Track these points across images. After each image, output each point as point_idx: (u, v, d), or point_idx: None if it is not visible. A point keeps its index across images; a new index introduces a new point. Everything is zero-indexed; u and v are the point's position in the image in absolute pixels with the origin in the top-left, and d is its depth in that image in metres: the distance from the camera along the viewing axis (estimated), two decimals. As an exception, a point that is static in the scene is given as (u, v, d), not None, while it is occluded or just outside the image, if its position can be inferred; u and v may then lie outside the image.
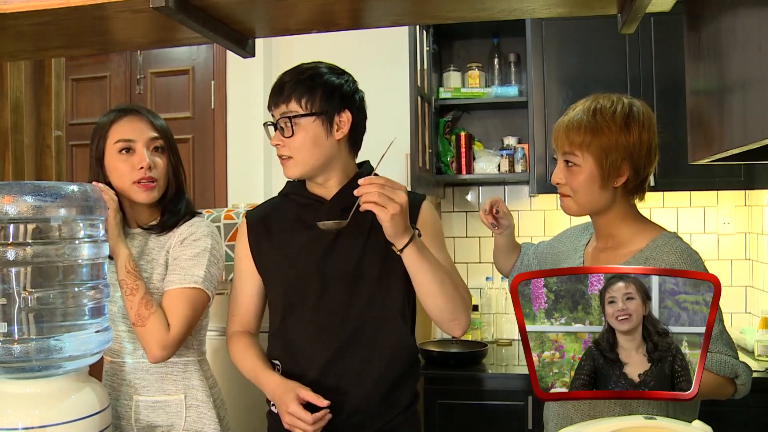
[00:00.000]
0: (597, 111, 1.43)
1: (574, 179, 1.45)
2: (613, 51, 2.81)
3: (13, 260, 1.33)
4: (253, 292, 1.63)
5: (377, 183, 1.30)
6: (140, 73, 3.37)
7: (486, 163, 3.08)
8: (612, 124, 1.41)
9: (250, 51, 1.19)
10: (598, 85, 2.80)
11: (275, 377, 1.51)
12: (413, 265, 1.39)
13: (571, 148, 1.44)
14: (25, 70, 1.73)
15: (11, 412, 1.33)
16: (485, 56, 3.20)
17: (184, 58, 3.37)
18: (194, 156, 3.39)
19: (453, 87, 3.11)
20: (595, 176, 1.43)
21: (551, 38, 2.87)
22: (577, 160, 1.44)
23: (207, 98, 3.35)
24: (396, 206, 1.29)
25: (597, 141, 1.41)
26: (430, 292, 1.42)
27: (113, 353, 1.66)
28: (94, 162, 1.61)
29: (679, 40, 2.70)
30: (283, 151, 1.52)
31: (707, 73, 0.98)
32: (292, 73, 1.54)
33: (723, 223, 3.03)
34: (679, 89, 2.76)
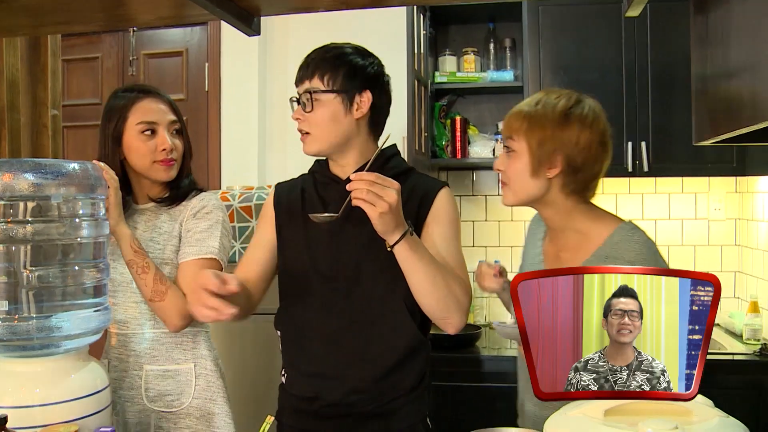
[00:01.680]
0: (540, 101, 1.44)
1: (511, 166, 1.46)
2: (609, 37, 2.82)
3: (14, 238, 1.33)
4: (262, 260, 1.61)
5: (367, 180, 1.29)
6: (133, 55, 3.34)
7: (481, 147, 3.09)
8: (551, 115, 1.41)
9: (255, 29, 1.18)
10: (593, 71, 2.83)
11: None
12: (404, 262, 1.39)
13: (510, 133, 1.45)
14: (20, 48, 1.70)
15: (12, 391, 1.33)
16: (481, 41, 3.20)
17: (177, 40, 3.34)
18: (188, 138, 3.36)
19: (448, 71, 3.11)
20: (527, 164, 1.43)
21: (547, 23, 2.87)
22: (513, 145, 1.45)
23: (201, 80, 3.33)
24: (384, 205, 1.29)
25: (532, 129, 1.42)
26: (420, 290, 1.42)
27: (121, 325, 1.69)
28: (110, 140, 1.64)
29: (675, 26, 2.74)
30: (302, 126, 1.54)
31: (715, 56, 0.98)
32: (319, 51, 1.55)
33: (714, 209, 3.06)
34: (673, 75, 2.78)
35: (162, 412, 1.65)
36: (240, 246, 2.45)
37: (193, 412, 1.65)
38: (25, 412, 1.29)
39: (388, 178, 1.32)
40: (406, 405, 1.54)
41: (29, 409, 1.31)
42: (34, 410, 1.31)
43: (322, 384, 1.52)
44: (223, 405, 1.68)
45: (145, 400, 1.65)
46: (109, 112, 1.65)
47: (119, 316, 1.68)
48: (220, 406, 1.68)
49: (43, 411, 1.31)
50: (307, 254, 1.56)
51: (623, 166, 2.79)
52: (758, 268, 2.88)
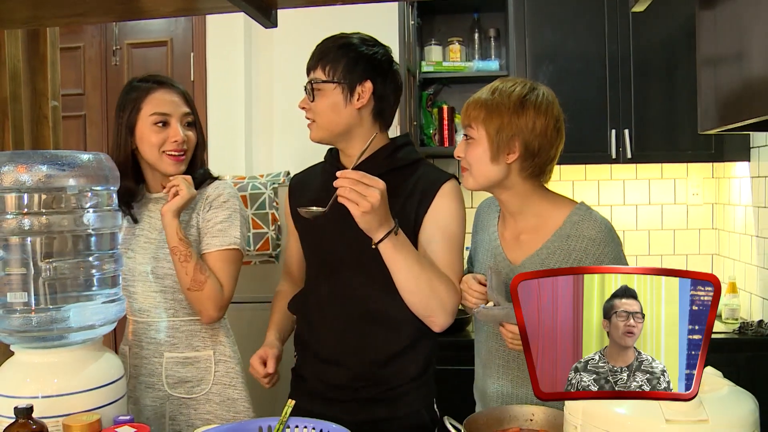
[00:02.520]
0: (496, 90, 1.48)
1: (471, 152, 1.50)
2: (593, 27, 2.88)
3: (29, 229, 1.34)
4: (297, 247, 1.73)
5: (351, 178, 1.31)
6: (116, 44, 3.31)
7: (467, 136, 3.13)
8: (507, 103, 1.46)
9: (273, 21, 1.20)
10: (577, 60, 2.89)
11: (270, 335, 1.64)
12: (387, 260, 1.42)
13: (468, 122, 1.50)
14: (20, 39, 1.69)
15: (30, 382, 1.34)
16: (466, 31, 3.24)
17: (162, 30, 3.32)
18: (173, 129, 3.34)
19: (434, 61, 3.15)
20: (486, 150, 1.47)
21: (532, 13, 2.92)
22: (473, 134, 1.49)
23: (186, 70, 3.31)
24: (367, 204, 1.31)
25: (490, 117, 1.46)
26: (403, 288, 1.45)
27: (140, 314, 1.70)
28: (124, 129, 1.66)
29: (656, 17, 2.81)
30: (308, 115, 1.58)
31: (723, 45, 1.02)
32: (326, 41, 1.57)
33: (692, 194, 3.17)
34: (655, 65, 2.86)
35: (183, 399, 1.67)
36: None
37: (213, 398, 1.68)
38: (45, 402, 1.31)
39: (374, 178, 1.34)
40: (411, 391, 1.57)
41: (49, 399, 1.32)
42: (53, 400, 1.33)
43: (329, 368, 1.56)
44: (242, 390, 1.71)
45: (165, 387, 1.67)
46: (123, 102, 1.67)
47: (138, 306, 1.70)
48: (239, 392, 1.71)
49: (62, 401, 1.33)
50: (320, 242, 1.61)
51: (607, 154, 2.87)
52: (735, 250, 2.99)
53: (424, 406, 1.60)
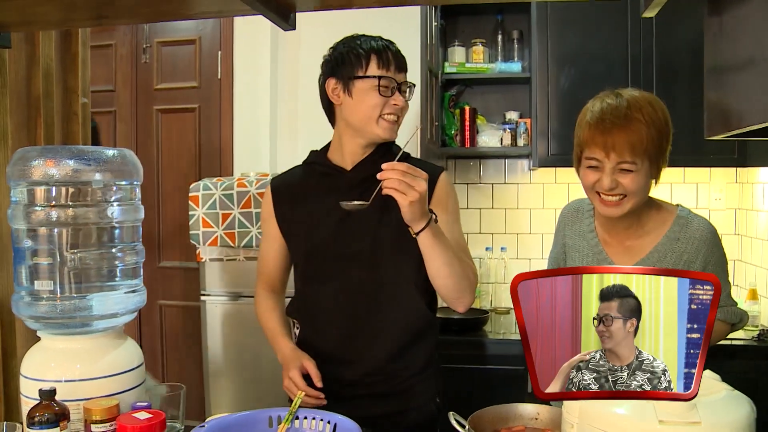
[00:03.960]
0: (631, 107, 1.41)
1: (630, 182, 1.42)
2: (615, 30, 2.87)
3: (56, 221, 1.40)
4: (276, 253, 1.72)
5: (399, 170, 1.34)
6: (146, 42, 3.38)
7: (489, 136, 3.15)
8: (661, 126, 1.42)
9: (291, 24, 1.24)
10: (599, 63, 2.89)
11: (289, 344, 1.62)
12: (427, 248, 1.44)
13: (633, 156, 1.40)
14: (53, 38, 1.76)
15: (55, 366, 1.40)
16: (489, 32, 3.26)
17: (190, 28, 3.38)
18: (200, 125, 3.41)
19: (457, 62, 3.17)
20: (649, 174, 1.44)
21: (555, 16, 2.92)
22: (635, 168, 1.42)
23: (214, 68, 3.36)
24: (415, 194, 1.33)
25: (653, 144, 1.40)
26: (439, 274, 1.48)
27: None
28: None
29: (680, 19, 2.79)
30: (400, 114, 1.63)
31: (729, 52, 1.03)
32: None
33: (714, 199, 3.14)
34: (677, 68, 2.85)
35: None
36: (257, 231, 2.51)
37: None
38: (68, 386, 1.36)
39: (418, 169, 1.37)
40: (419, 383, 1.61)
41: (71, 383, 1.38)
42: (76, 384, 1.38)
43: (340, 367, 1.58)
44: None
45: None
46: None
47: None
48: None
49: (83, 385, 1.38)
50: (319, 242, 1.62)
51: (628, 157, 2.85)
52: (757, 256, 2.96)
53: (431, 398, 1.64)
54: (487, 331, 2.89)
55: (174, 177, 3.43)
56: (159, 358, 3.44)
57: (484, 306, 3.26)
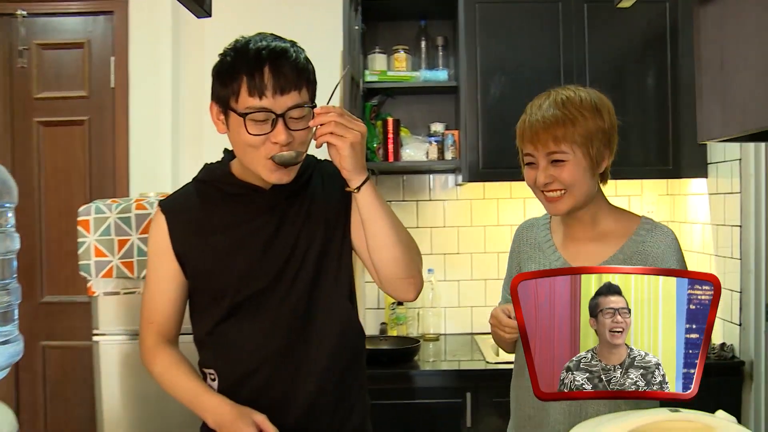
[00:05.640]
0: (565, 102, 1.43)
1: (566, 174, 1.43)
2: (548, 36, 2.76)
3: None
4: (173, 294, 1.44)
5: (335, 112, 1.22)
6: (22, 44, 2.98)
7: (414, 150, 2.94)
8: (585, 112, 1.43)
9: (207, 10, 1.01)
10: (532, 71, 2.75)
11: (223, 401, 1.35)
12: (370, 206, 1.30)
13: (557, 145, 1.42)
14: None
15: None
16: (412, 39, 3.07)
17: (77, 29, 3.03)
18: (91, 139, 3.06)
19: (379, 70, 2.95)
20: (585, 166, 1.43)
21: (484, 22, 2.77)
22: (564, 156, 1.42)
23: (106, 75, 3.03)
24: (356, 134, 1.22)
25: (579, 131, 1.41)
26: (386, 242, 1.31)
27: None
28: None
29: (613, 26, 2.70)
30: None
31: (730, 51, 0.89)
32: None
33: (647, 211, 3.06)
34: (611, 75, 2.75)
35: None
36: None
37: None
38: None
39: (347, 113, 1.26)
40: (359, 400, 1.48)
41: None
42: None
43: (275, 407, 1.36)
44: None
45: None
46: None
47: None
48: None
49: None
50: (239, 276, 1.38)
51: (563, 169, 2.72)
52: (692, 268, 2.89)
53: (368, 413, 1.52)
54: (417, 362, 2.65)
55: (59, 199, 3.05)
56: (41, 410, 3.03)
57: (411, 333, 3.03)
